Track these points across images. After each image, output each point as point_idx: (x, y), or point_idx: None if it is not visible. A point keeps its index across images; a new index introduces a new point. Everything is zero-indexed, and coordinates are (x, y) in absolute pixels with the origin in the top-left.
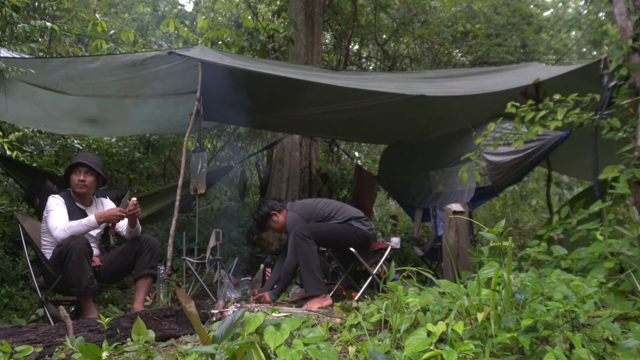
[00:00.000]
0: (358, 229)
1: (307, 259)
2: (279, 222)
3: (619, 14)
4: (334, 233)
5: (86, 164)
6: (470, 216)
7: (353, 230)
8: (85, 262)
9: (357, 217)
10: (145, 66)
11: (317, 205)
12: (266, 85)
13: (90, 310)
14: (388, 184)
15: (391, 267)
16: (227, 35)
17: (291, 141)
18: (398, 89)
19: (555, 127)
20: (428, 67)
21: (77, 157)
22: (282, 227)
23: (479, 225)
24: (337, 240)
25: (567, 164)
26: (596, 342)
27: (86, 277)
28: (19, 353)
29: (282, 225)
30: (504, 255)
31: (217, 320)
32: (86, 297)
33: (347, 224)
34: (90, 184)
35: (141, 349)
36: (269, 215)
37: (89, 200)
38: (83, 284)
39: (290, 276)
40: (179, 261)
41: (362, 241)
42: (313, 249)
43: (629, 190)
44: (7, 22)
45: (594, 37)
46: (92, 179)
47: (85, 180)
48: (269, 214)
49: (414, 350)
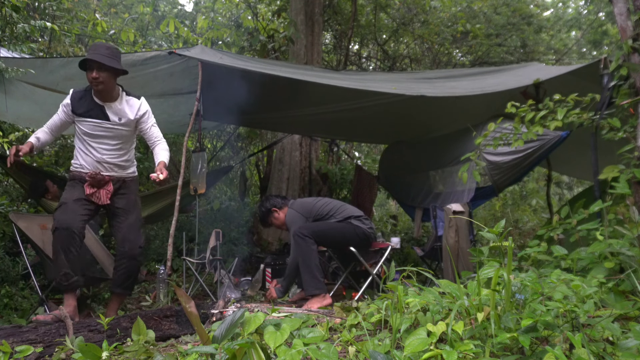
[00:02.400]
0: (358, 227)
1: (306, 258)
2: (280, 219)
3: (619, 14)
4: (334, 232)
5: (95, 60)
6: (470, 216)
7: (352, 228)
8: (60, 256)
9: (356, 215)
10: (145, 66)
11: (316, 203)
12: (266, 86)
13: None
14: (388, 184)
15: (391, 267)
16: (227, 35)
17: (291, 141)
18: (398, 89)
19: (555, 127)
20: (428, 67)
21: (89, 50)
22: (283, 224)
23: (479, 225)
24: (337, 239)
25: (567, 164)
26: (596, 342)
27: (60, 272)
28: (19, 353)
29: (282, 222)
30: (504, 255)
31: (217, 320)
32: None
33: (346, 222)
34: (106, 80)
35: (141, 349)
36: (270, 211)
37: (110, 96)
38: (57, 279)
39: (294, 273)
40: (179, 261)
41: (362, 240)
42: (312, 249)
43: (629, 190)
44: (7, 22)
45: (594, 37)
46: (106, 74)
47: (99, 77)
48: (271, 210)
49: (414, 350)
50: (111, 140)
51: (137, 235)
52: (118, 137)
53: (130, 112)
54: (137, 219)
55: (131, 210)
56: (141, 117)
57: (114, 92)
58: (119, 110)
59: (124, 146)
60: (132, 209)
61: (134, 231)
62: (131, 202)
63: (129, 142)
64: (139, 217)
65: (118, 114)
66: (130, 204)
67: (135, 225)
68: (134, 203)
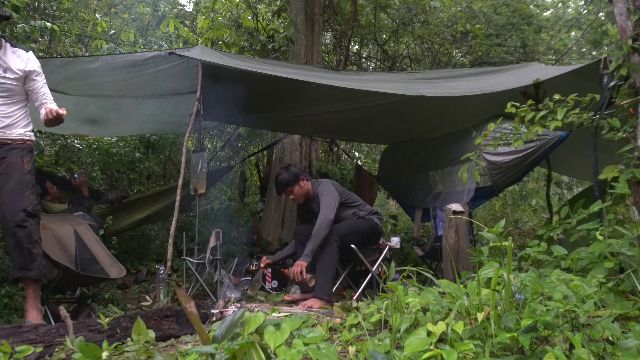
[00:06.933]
0: (378, 225)
1: (326, 263)
2: (304, 189)
3: (619, 14)
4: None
5: None
6: (470, 216)
7: (374, 226)
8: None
9: (376, 212)
10: (145, 66)
11: (343, 189)
12: (266, 86)
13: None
14: (388, 184)
15: (391, 267)
16: (227, 35)
17: (291, 141)
18: (398, 90)
19: (555, 127)
20: (428, 67)
21: None
22: (304, 194)
23: (479, 225)
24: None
25: (567, 164)
26: (596, 342)
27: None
28: (19, 353)
29: (305, 192)
30: (504, 255)
31: (217, 320)
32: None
33: (366, 218)
34: None
35: (141, 349)
36: (298, 178)
37: None
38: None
39: (322, 239)
40: (179, 261)
41: (377, 238)
42: (335, 257)
43: (629, 190)
44: (7, 22)
45: (594, 37)
46: None
47: None
48: (299, 177)
49: (414, 350)
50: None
51: (20, 198)
52: (4, 91)
53: (18, 64)
54: (19, 181)
55: (12, 174)
56: (32, 71)
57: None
58: (4, 62)
59: (8, 101)
60: (13, 173)
61: (16, 195)
62: (12, 166)
63: (15, 98)
64: (23, 180)
65: (2, 66)
66: (11, 168)
67: (16, 189)
68: (16, 167)
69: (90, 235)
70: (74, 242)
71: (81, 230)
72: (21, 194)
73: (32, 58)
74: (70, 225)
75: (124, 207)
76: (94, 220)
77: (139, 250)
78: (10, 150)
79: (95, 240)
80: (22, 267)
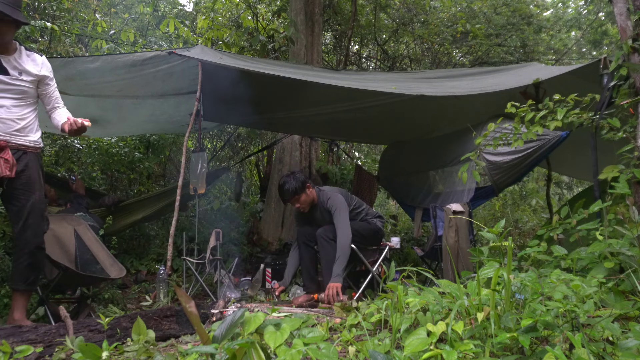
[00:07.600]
0: (381, 230)
1: (330, 260)
2: (310, 196)
3: (619, 14)
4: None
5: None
6: (470, 216)
7: (377, 230)
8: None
9: (380, 215)
10: (145, 66)
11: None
12: (266, 86)
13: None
14: (388, 184)
15: (391, 267)
16: (227, 35)
17: (291, 141)
18: (398, 89)
19: (555, 127)
20: (428, 67)
21: None
22: (310, 202)
23: (479, 225)
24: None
25: (567, 164)
26: (596, 342)
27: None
28: (19, 353)
29: (311, 200)
30: (504, 255)
31: (217, 320)
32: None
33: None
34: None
35: (141, 349)
36: (305, 186)
37: (6, 49)
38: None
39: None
40: (179, 261)
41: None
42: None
43: (629, 190)
44: None
45: (594, 37)
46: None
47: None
48: (306, 184)
49: (414, 350)
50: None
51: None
52: (18, 93)
53: (33, 68)
54: (40, 201)
55: (33, 191)
56: (46, 76)
57: (11, 46)
58: (19, 64)
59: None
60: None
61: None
62: (33, 182)
63: (29, 100)
64: (42, 199)
65: (18, 68)
66: (32, 185)
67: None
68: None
69: (90, 235)
70: (74, 242)
71: (81, 230)
72: (41, 214)
73: (46, 63)
74: (70, 225)
75: (123, 209)
76: (94, 220)
77: (139, 250)
78: (27, 160)
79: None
80: (29, 283)
